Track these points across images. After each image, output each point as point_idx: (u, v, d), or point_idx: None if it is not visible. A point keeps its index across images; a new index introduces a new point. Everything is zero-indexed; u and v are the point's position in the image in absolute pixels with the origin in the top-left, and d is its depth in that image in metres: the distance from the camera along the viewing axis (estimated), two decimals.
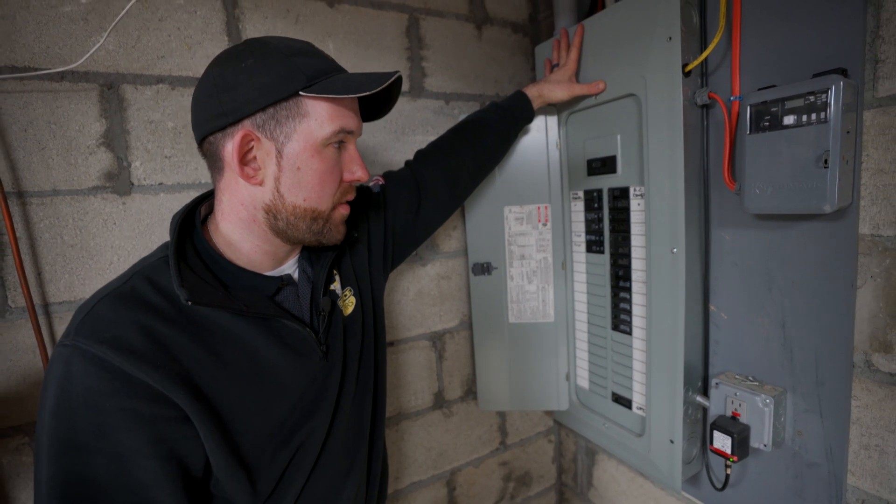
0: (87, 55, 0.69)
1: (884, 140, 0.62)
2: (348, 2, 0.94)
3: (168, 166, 0.81)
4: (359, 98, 0.60)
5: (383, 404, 0.75)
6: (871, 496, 0.67)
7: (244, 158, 0.53)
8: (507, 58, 1.16)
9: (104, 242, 0.77)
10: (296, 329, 0.58)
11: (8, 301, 0.72)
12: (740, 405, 0.76)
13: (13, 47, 0.69)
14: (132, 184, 0.78)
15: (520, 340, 1.09)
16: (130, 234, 0.79)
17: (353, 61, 0.96)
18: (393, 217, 0.79)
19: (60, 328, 0.75)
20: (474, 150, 0.87)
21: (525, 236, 1.06)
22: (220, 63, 0.53)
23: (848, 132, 0.62)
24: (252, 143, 0.52)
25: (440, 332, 1.13)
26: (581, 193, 1.01)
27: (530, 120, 0.94)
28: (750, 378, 0.79)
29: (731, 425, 0.75)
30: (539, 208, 1.05)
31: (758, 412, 0.74)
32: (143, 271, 0.53)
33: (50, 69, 0.70)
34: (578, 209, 1.02)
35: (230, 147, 0.52)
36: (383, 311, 0.78)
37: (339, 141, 0.56)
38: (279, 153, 0.53)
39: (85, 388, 0.45)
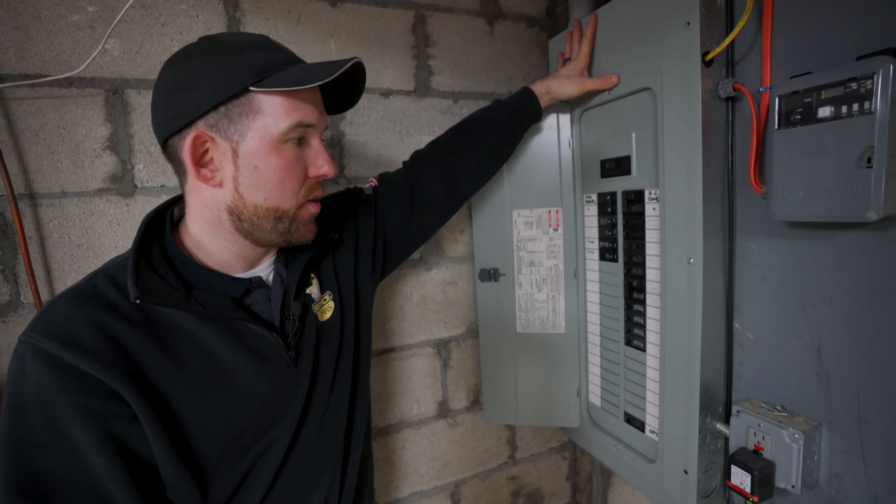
0: (89, 60, 0.71)
1: None
2: (351, 0, 0.93)
3: (169, 169, 0.82)
4: (322, 89, 0.57)
5: (363, 415, 0.71)
6: None
7: (200, 160, 0.51)
8: (522, 54, 1.10)
9: (109, 242, 0.80)
10: (261, 333, 0.56)
11: (20, 297, 0.76)
12: (764, 438, 0.66)
13: (25, 56, 0.73)
14: (135, 186, 0.81)
15: (528, 351, 1.03)
16: (133, 235, 0.80)
17: None
18: (384, 220, 0.76)
19: None
20: (473, 149, 0.82)
21: (535, 242, 1.00)
22: (171, 63, 0.52)
23: None
24: (207, 143, 0.51)
25: (445, 339, 1.09)
26: (595, 197, 0.93)
27: (538, 119, 0.88)
28: (778, 408, 0.69)
29: (751, 460, 0.66)
30: (550, 212, 0.99)
31: (784, 448, 0.64)
32: (108, 270, 0.53)
33: (59, 76, 0.73)
34: (592, 213, 0.95)
35: (185, 149, 0.50)
36: (370, 318, 0.75)
37: (300, 136, 0.54)
38: (235, 152, 0.51)
39: (36, 383, 0.45)
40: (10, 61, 0.72)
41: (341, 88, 0.59)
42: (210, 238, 0.56)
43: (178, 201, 0.61)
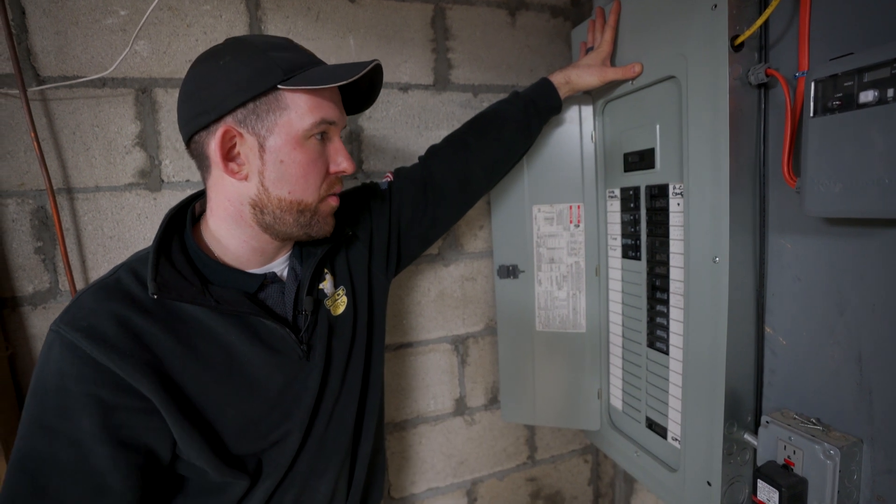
0: (119, 61, 0.75)
1: None
2: None
3: (194, 165, 0.85)
4: (341, 90, 0.59)
5: (375, 408, 0.72)
6: None
7: (228, 154, 0.54)
8: (546, 45, 1.07)
9: (138, 234, 0.84)
10: (273, 328, 0.58)
11: (59, 285, 0.81)
12: (795, 452, 0.61)
13: (64, 59, 0.77)
14: (162, 181, 0.84)
15: (548, 350, 1.00)
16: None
17: (374, 56, 0.94)
18: (398, 215, 0.76)
19: None
20: (487, 143, 0.80)
21: (555, 238, 0.98)
22: (199, 62, 0.54)
23: None
24: (234, 138, 0.53)
25: (463, 335, 1.08)
26: (617, 192, 0.90)
27: (558, 110, 0.85)
28: (813, 421, 0.64)
29: (780, 476, 0.61)
30: (571, 208, 0.95)
31: (818, 464, 0.59)
32: (131, 263, 0.55)
33: (93, 76, 0.77)
34: (615, 209, 0.91)
35: (213, 144, 0.53)
36: (384, 313, 0.76)
37: (322, 132, 0.56)
38: (262, 147, 0.53)
39: (57, 370, 0.48)
40: (51, 64, 0.77)
41: (359, 90, 0.61)
42: (230, 232, 0.58)
43: (199, 197, 0.63)
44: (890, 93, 0.49)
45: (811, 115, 0.55)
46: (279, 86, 0.51)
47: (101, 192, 0.81)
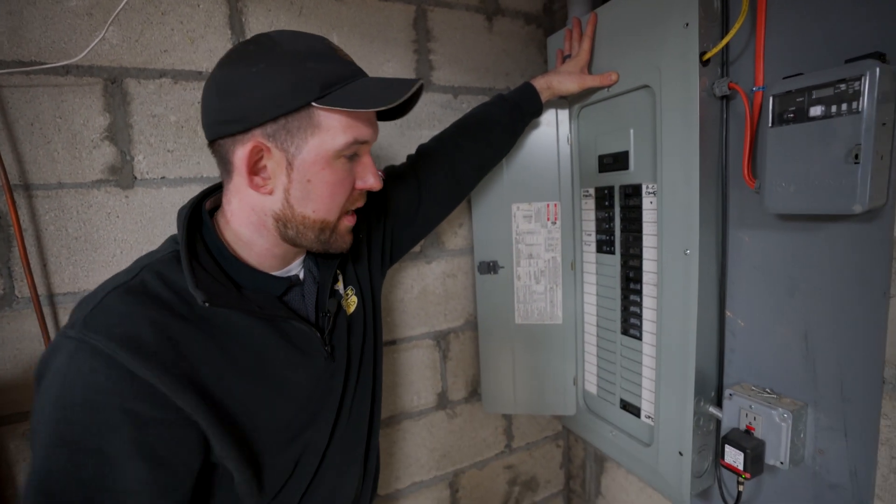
0: (90, 48, 0.69)
1: None
2: None
3: (170, 160, 0.81)
4: None
5: (380, 401, 0.75)
6: None
7: (254, 168, 0.51)
8: (520, 50, 1.12)
9: (107, 235, 0.78)
10: (303, 330, 0.58)
11: (15, 291, 0.74)
12: (755, 419, 0.70)
13: (20, 42, 0.70)
14: (135, 177, 0.79)
15: (526, 342, 1.06)
16: (133, 228, 0.79)
17: (357, 54, 0.94)
18: (393, 213, 0.78)
19: (65, 318, 0.77)
20: (478, 144, 0.84)
21: (533, 235, 1.03)
22: (229, 64, 0.51)
23: (884, 124, 0.56)
24: (262, 152, 0.50)
25: (445, 331, 1.11)
26: (592, 191, 0.96)
27: (538, 114, 0.90)
28: (767, 390, 0.73)
29: (744, 440, 0.70)
30: (548, 206, 1.01)
31: (774, 427, 0.68)
32: (153, 266, 0.51)
33: (55, 63, 0.71)
34: (589, 207, 0.98)
35: (240, 155, 0.50)
36: (381, 309, 0.77)
37: (353, 153, 0.54)
38: (290, 164, 0.51)
39: (88, 384, 0.43)
40: (2, 47, 0.70)
41: None
42: (253, 238, 0.56)
43: (210, 194, 0.60)
44: (833, 108, 0.58)
45: (770, 125, 0.63)
46: (314, 104, 0.48)
47: (64, 190, 0.75)
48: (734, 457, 0.70)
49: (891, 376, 0.61)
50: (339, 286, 0.66)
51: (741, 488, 0.72)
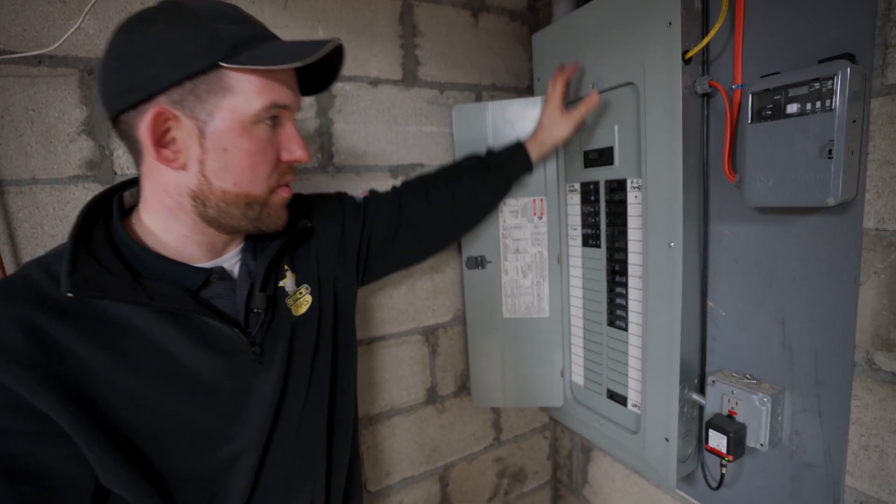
0: (64, 38, 0.67)
1: (892, 130, 0.59)
2: None
3: None
4: (297, 69, 0.52)
5: (348, 414, 0.69)
6: (869, 498, 0.65)
7: (161, 140, 0.47)
8: (505, 47, 1.13)
9: None
10: (219, 327, 0.51)
11: None
12: (737, 403, 0.74)
13: None
14: (115, 173, 0.76)
15: (514, 336, 1.07)
16: None
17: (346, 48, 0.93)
18: (371, 227, 0.74)
19: None
20: (462, 213, 0.83)
21: (520, 230, 1.04)
22: (127, 28, 0.46)
23: (854, 121, 0.59)
24: (169, 122, 0.46)
25: (433, 326, 1.11)
26: (577, 186, 0.98)
27: (529, 172, 0.90)
28: (747, 376, 0.77)
29: (726, 424, 0.73)
30: (535, 201, 1.02)
31: (754, 411, 0.72)
32: (42, 259, 0.48)
33: (27, 53, 0.68)
34: (575, 202, 1.00)
35: (143, 127, 0.45)
36: (352, 315, 0.72)
37: (273, 117, 0.50)
38: (201, 133, 0.47)
39: None
40: None
41: (317, 69, 0.53)
42: (168, 225, 0.51)
43: (129, 185, 0.55)
44: (808, 106, 0.61)
45: (749, 121, 0.66)
46: (222, 63, 0.44)
47: (39, 185, 0.72)
48: (718, 440, 0.73)
49: (861, 360, 0.64)
50: (287, 283, 0.60)
51: (724, 470, 0.75)
